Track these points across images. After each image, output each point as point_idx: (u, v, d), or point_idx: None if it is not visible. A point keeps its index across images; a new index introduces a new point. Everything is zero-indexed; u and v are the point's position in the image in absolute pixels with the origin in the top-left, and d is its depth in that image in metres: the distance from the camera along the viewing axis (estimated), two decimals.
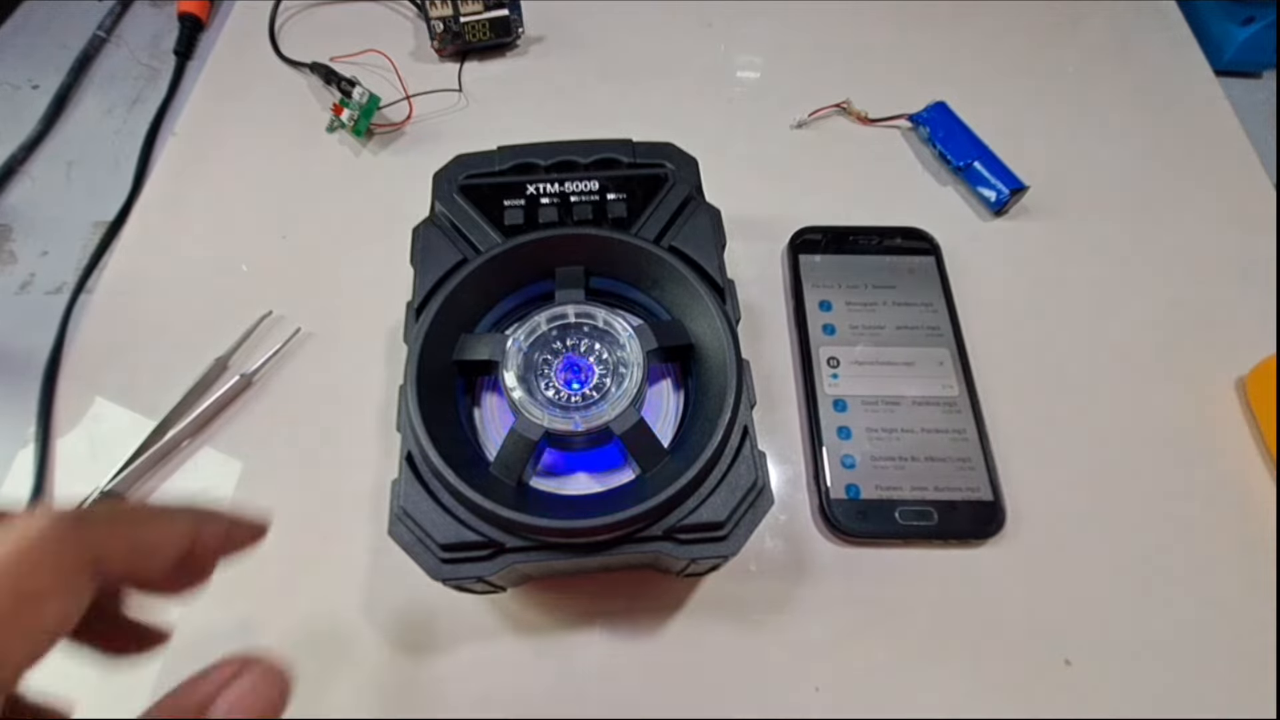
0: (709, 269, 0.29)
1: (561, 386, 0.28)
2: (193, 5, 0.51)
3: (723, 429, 0.25)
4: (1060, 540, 0.33)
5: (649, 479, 0.26)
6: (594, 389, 0.27)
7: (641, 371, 0.26)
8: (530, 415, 0.25)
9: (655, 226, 0.30)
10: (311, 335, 0.38)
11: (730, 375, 0.26)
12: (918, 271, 0.39)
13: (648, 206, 0.31)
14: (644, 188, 0.31)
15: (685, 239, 0.30)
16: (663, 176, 0.31)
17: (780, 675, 0.31)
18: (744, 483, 0.26)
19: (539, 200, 0.31)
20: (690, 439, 0.27)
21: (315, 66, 0.47)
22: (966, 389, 0.36)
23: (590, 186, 0.31)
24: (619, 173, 0.32)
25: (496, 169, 0.32)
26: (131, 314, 0.39)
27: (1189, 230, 0.42)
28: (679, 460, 0.26)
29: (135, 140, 0.46)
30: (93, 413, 0.36)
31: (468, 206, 0.30)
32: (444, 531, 0.25)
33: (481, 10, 0.46)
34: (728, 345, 0.27)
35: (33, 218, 0.44)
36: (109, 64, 0.51)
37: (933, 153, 0.44)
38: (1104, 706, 0.30)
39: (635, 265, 0.29)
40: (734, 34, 0.51)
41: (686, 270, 0.28)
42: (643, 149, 0.33)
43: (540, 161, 0.32)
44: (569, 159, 0.32)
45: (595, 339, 0.28)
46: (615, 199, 0.31)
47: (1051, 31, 0.51)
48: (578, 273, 0.29)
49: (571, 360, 0.28)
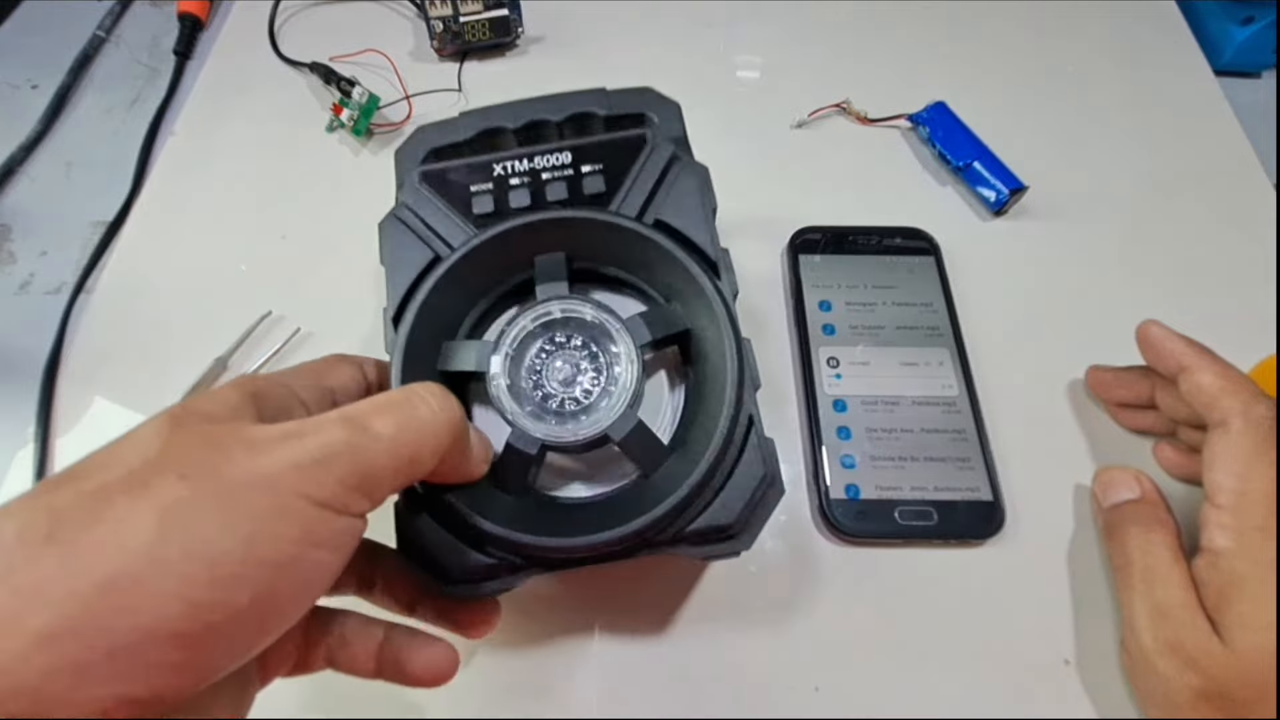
0: (699, 241, 0.27)
1: (554, 389, 0.26)
2: (192, 5, 0.51)
3: (726, 421, 0.24)
4: (1060, 540, 0.33)
5: (653, 480, 0.25)
6: (588, 390, 0.26)
7: (637, 368, 0.25)
8: (525, 428, 0.24)
9: (637, 199, 0.28)
10: (311, 335, 0.38)
11: (729, 359, 0.25)
12: (917, 271, 0.39)
13: (627, 176, 0.28)
14: (622, 154, 0.28)
15: (671, 209, 0.27)
16: (641, 139, 0.28)
17: (780, 675, 0.31)
18: (752, 476, 0.24)
19: (508, 181, 0.28)
20: (693, 432, 0.25)
21: (315, 66, 0.47)
22: (966, 389, 0.36)
23: (562, 160, 0.28)
24: (593, 139, 0.29)
25: (462, 138, 0.29)
26: (131, 314, 0.39)
27: (1189, 230, 0.42)
28: (683, 458, 0.25)
29: (135, 140, 0.46)
30: (93, 413, 0.36)
31: (432, 196, 0.28)
32: (451, 557, 0.24)
33: (481, 10, 0.46)
34: (724, 326, 0.25)
35: (32, 218, 0.44)
36: (109, 64, 0.51)
37: (932, 153, 0.44)
38: (1104, 706, 0.30)
39: (619, 246, 0.27)
40: (734, 34, 0.51)
41: (674, 247, 0.26)
42: (618, 98, 0.30)
43: (508, 125, 0.29)
44: (539, 118, 0.29)
45: (585, 333, 0.27)
46: (591, 171, 0.28)
47: (1051, 31, 0.51)
48: (558, 261, 0.27)
49: (562, 359, 0.27)
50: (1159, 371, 0.32)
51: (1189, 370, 0.30)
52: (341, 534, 0.18)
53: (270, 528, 0.16)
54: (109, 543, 0.15)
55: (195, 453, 0.17)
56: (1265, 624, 0.25)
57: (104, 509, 0.15)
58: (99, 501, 0.15)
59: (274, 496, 0.16)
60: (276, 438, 0.17)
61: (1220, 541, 0.27)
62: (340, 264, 0.40)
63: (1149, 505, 0.31)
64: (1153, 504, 0.31)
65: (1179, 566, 0.28)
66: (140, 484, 0.16)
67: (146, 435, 0.17)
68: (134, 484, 0.16)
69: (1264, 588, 0.25)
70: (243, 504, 0.16)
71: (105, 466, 0.16)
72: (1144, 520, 0.30)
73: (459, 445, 0.21)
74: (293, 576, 0.17)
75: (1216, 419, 0.28)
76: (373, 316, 0.38)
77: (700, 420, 0.26)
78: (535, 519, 0.24)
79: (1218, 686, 0.25)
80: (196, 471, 0.16)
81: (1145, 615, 0.28)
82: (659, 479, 0.25)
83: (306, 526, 0.17)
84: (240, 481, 0.16)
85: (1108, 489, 0.32)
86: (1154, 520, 0.30)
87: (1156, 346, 0.31)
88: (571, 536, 0.23)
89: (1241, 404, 0.28)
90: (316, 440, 0.17)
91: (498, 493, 0.25)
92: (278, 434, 0.18)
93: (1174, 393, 0.31)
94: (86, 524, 0.15)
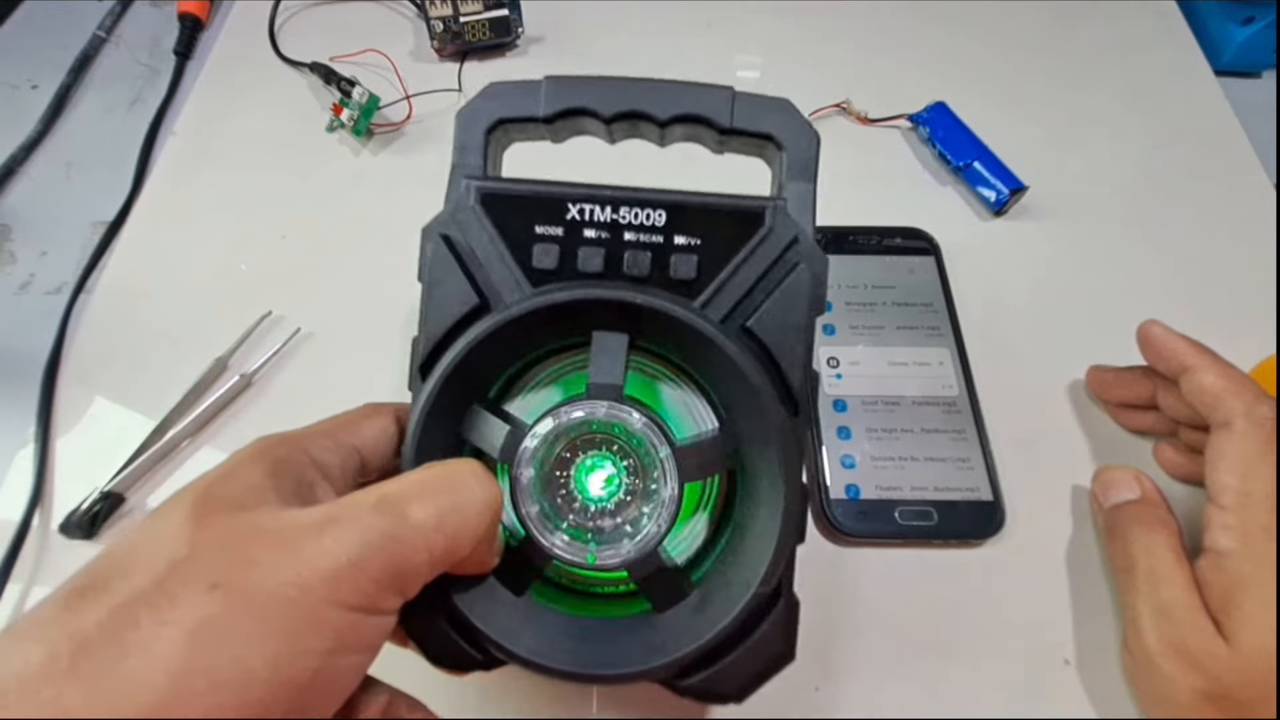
0: (789, 373, 0.22)
1: (577, 495, 0.23)
2: (193, 5, 0.50)
3: (755, 587, 0.21)
4: (1060, 540, 0.33)
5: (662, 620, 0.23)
6: (615, 507, 0.23)
7: (673, 508, 0.22)
8: (538, 537, 0.22)
9: (732, 295, 0.23)
10: (311, 335, 0.38)
11: (778, 519, 0.22)
12: (918, 271, 0.39)
13: (729, 260, 0.23)
14: (729, 229, 0.23)
15: (768, 319, 0.22)
16: (758, 216, 0.23)
17: (780, 675, 0.30)
18: (768, 651, 0.22)
19: (581, 232, 0.23)
20: (718, 575, 0.23)
21: (315, 66, 0.47)
22: (966, 389, 0.36)
23: (654, 220, 0.23)
24: (698, 201, 0.23)
25: (540, 114, 0.24)
26: (131, 314, 0.39)
27: (1188, 230, 0.42)
28: (701, 605, 0.22)
29: (135, 140, 0.46)
30: (93, 413, 0.36)
31: (487, 225, 0.23)
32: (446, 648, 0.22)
33: (481, 10, 0.46)
34: (785, 477, 0.22)
35: (32, 218, 0.44)
36: (109, 64, 0.51)
37: (933, 153, 0.44)
38: (1104, 706, 0.30)
39: (693, 347, 0.23)
40: (734, 34, 0.51)
41: (757, 374, 0.22)
42: (747, 107, 0.24)
43: (600, 110, 0.24)
44: (640, 109, 0.24)
45: (627, 438, 0.23)
46: (684, 246, 0.23)
47: (1051, 31, 0.51)
48: (620, 342, 0.23)
49: (594, 461, 0.23)
50: (1160, 372, 0.32)
51: (1191, 370, 0.30)
52: (373, 634, 0.17)
53: (300, 643, 0.16)
54: (135, 677, 0.14)
55: (223, 556, 0.16)
56: (1270, 625, 0.25)
57: (129, 633, 0.15)
58: (124, 624, 0.15)
59: (306, 606, 0.16)
60: (309, 530, 0.17)
61: (1224, 542, 0.27)
62: (341, 264, 0.40)
63: (1150, 506, 0.31)
64: (1154, 504, 0.31)
65: (1182, 568, 0.28)
66: (167, 598, 0.15)
67: (171, 531, 0.16)
68: (160, 599, 0.15)
69: (1268, 589, 0.25)
70: (273, 618, 0.15)
71: (129, 572, 0.16)
72: (1146, 521, 0.30)
73: (492, 533, 0.20)
74: (323, 685, 0.16)
75: (1220, 419, 0.28)
76: (373, 317, 0.38)
77: (729, 563, 0.23)
78: (533, 628, 0.22)
79: (1222, 688, 0.25)
80: (226, 579, 0.15)
81: (1148, 616, 0.28)
82: (669, 620, 0.23)
83: (338, 636, 0.16)
84: (271, 591, 0.15)
85: (1108, 489, 0.32)
86: (1156, 521, 0.30)
87: (1158, 346, 0.31)
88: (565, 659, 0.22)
89: (1245, 404, 0.28)
90: (351, 535, 0.16)
91: (498, 586, 0.22)
92: (310, 524, 0.17)
93: (1175, 393, 0.31)
94: (111, 655, 0.14)
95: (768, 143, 0.24)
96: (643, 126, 0.25)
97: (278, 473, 0.19)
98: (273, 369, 0.37)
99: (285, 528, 0.17)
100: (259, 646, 0.15)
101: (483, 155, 0.24)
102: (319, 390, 0.37)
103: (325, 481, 0.21)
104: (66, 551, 0.33)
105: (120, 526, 0.33)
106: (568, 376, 0.25)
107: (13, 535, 0.32)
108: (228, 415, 0.36)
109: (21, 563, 0.32)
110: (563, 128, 0.25)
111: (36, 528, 0.33)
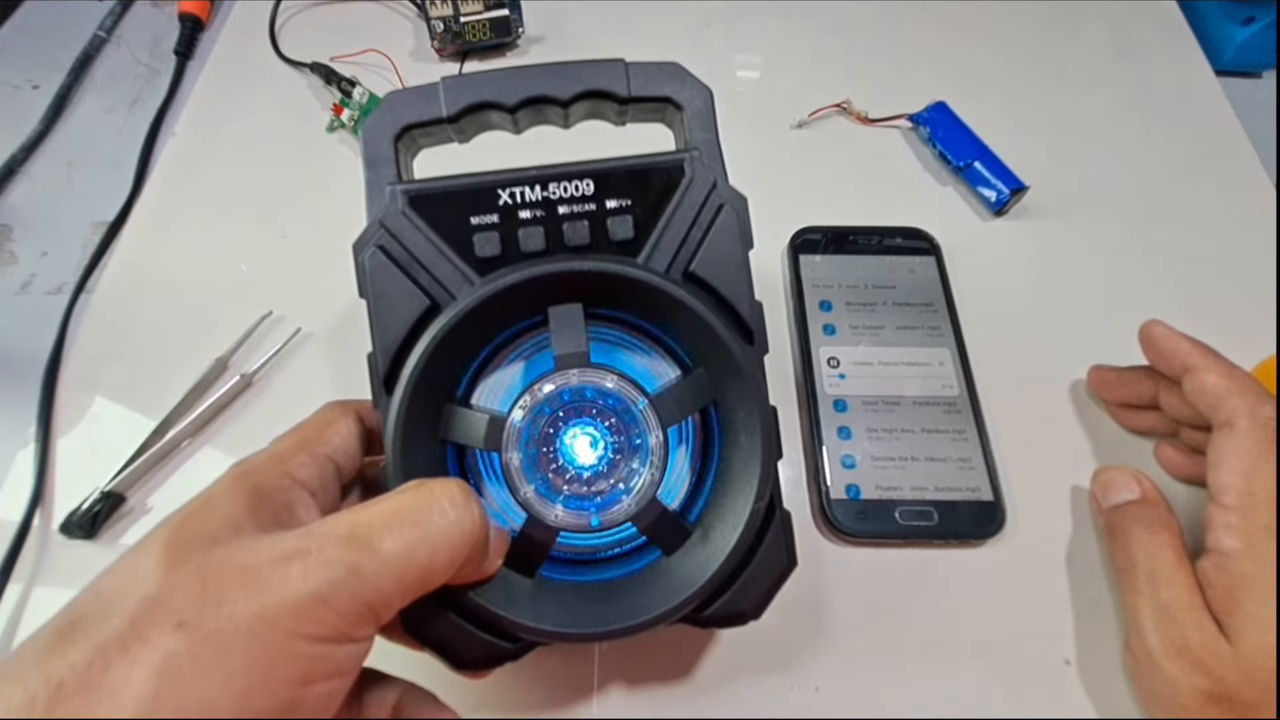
0: (735, 301, 0.24)
1: (569, 466, 0.23)
2: (193, 5, 0.50)
3: (750, 506, 0.23)
4: (1060, 540, 0.33)
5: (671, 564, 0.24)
6: (605, 471, 0.24)
7: (662, 452, 0.23)
8: (538, 513, 0.23)
9: (670, 245, 0.24)
10: (311, 335, 0.38)
11: (757, 437, 0.23)
12: (918, 271, 0.39)
13: (660, 216, 0.24)
14: (655, 185, 0.24)
15: (707, 259, 0.24)
16: (679, 168, 0.24)
17: (781, 675, 0.31)
18: (774, 567, 0.24)
19: (517, 214, 0.24)
20: (713, 506, 0.24)
21: (315, 66, 0.47)
22: (966, 389, 0.36)
23: (583, 189, 0.24)
24: (621, 164, 0.24)
25: (444, 114, 0.24)
26: (131, 314, 0.39)
27: (1189, 230, 0.42)
28: (704, 539, 0.24)
29: (135, 140, 0.46)
30: (93, 413, 0.36)
31: (422, 226, 0.24)
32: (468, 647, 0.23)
33: (481, 10, 0.46)
34: (753, 398, 0.23)
35: (33, 218, 0.44)
36: (109, 64, 0.51)
37: (933, 153, 0.44)
38: (1104, 706, 0.30)
39: (645, 302, 0.24)
40: (734, 34, 0.51)
41: (707, 311, 0.23)
42: (640, 75, 0.25)
43: (502, 100, 0.24)
44: (541, 94, 0.24)
45: (605, 404, 0.24)
46: (618, 209, 0.24)
47: (1051, 31, 0.51)
48: (576, 312, 0.24)
49: (579, 434, 0.24)
50: (1162, 371, 0.32)
51: (1194, 370, 0.30)
52: (345, 662, 0.17)
53: (268, 677, 0.16)
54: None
55: (190, 594, 0.16)
56: (1273, 624, 0.25)
57: (101, 677, 0.15)
58: (97, 666, 0.15)
59: (272, 640, 0.16)
60: (277, 562, 0.17)
61: (1227, 542, 0.27)
62: (340, 264, 0.40)
63: (1151, 506, 0.31)
64: (1155, 505, 0.31)
65: (1184, 568, 0.28)
66: (139, 639, 0.15)
67: (144, 570, 0.17)
68: (132, 640, 0.15)
69: (1271, 588, 0.25)
70: (238, 654, 0.16)
71: (106, 613, 0.16)
72: (1147, 521, 0.30)
73: (476, 554, 0.20)
74: (298, 713, 0.16)
75: (1222, 419, 0.28)
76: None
77: (721, 494, 0.24)
78: (553, 603, 0.23)
79: (1225, 688, 0.25)
80: (193, 618, 0.16)
81: (1151, 617, 0.28)
82: (678, 561, 0.24)
83: (307, 667, 0.16)
84: (238, 628, 0.16)
85: (1107, 489, 0.32)
86: (1157, 521, 0.30)
87: (1160, 346, 0.31)
88: (591, 622, 0.23)
89: (1248, 405, 0.28)
90: (317, 570, 0.17)
91: (512, 575, 0.23)
92: (279, 556, 0.17)
93: (1177, 393, 0.31)
94: (85, 700, 0.15)
95: (667, 104, 0.25)
96: (547, 111, 0.25)
97: (255, 500, 0.19)
98: (273, 369, 0.37)
99: (254, 562, 0.17)
100: (226, 683, 0.15)
101: (395, 165, 0.25)
102: (319, 390, 0.36)
103: (308, 497, 0.21)
104: (67, 551, 0.33)
105: (120, 526, 0.33)
106: (533, 357, 0.26)
107: (13, 535, 0.32)
108: (228, 415, 0.36)
109: (22, 563, 0.32)
110: (468, 124, 0.25)
111: (37, 528, 0.33)
